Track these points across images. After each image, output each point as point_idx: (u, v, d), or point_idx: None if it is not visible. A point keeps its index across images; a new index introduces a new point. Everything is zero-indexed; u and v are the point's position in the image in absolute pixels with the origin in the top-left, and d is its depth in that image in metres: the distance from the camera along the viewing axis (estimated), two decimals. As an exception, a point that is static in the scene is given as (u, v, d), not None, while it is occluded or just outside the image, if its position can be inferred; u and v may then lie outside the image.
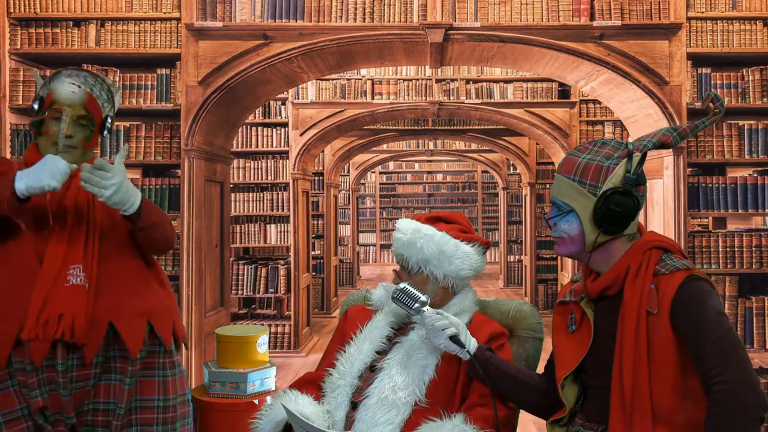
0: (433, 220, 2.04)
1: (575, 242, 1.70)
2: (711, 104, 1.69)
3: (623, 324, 1.61)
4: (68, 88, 2.00)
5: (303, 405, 1.83)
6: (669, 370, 1.56)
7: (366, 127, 7.94)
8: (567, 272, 7.52)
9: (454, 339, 1.77)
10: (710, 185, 4.16)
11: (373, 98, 6.83)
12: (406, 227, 2.01)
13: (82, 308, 1.91)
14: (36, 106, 2.00)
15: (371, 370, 1.90)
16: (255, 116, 6.63)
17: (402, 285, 1.85)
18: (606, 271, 1.68)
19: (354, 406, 1.85)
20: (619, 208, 1.63)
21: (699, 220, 5.49)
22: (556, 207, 1.73)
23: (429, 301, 1.85)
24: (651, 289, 1.60)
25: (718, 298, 1.60)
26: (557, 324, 1.78)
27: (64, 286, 1.91)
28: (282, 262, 6.52)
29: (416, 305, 1.82)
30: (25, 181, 1.84)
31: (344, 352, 1.96)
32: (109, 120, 2.09)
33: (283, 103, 6.74)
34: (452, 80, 6.96)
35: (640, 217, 4.81)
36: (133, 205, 1.94)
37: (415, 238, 1.97)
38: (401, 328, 2.00)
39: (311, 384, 1.97)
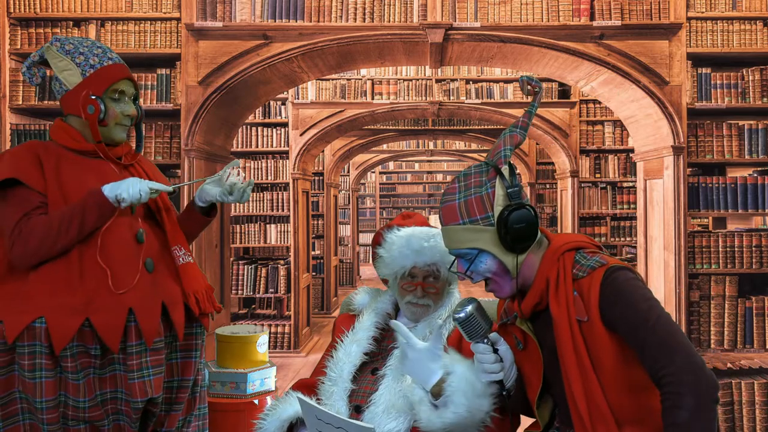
0: (415, 221, 1.96)
1: (503, 276, 1.64)
2: (529, 86, 1.70)
3: (559, 339, 1.58)
4: (121, 69, 1.99)
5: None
6: (618, 372, 1.54)
7: (366, 127, 7.94)
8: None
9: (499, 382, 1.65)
10: (710, 185, 4.16)
11: (373, 98, 6.83)
12: (424, 233, 1.89)
13: (205, 283, 2.04)
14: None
15: (372, 374, 1.89)
16: (255, 116, 6.63)
17: (470, 308, 1.63)
18: (530, 287, 1.64)
19: (357, 409, 1.84)
20: (522, 223, 1.59)
21: (699, 220, 5.49)
22: (462, 259, 1.65)
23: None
24: (575, 296, 1.57)
25: (642, 284, 1.57)
26: (509, 345, 1.71)
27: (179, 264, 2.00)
28: (282, 262, 6.52)
29: (478, 339, 1.64)
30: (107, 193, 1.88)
31: (332, 358, 1.95)
32: None
33: (283, 103, 6.74)
34: (452, 80, 6.96)
35: (642, 218, 4.79)
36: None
37: (439, 243, 1.87)
38: (387, 329, 1.98)
39: (306, 389, 1.97)
